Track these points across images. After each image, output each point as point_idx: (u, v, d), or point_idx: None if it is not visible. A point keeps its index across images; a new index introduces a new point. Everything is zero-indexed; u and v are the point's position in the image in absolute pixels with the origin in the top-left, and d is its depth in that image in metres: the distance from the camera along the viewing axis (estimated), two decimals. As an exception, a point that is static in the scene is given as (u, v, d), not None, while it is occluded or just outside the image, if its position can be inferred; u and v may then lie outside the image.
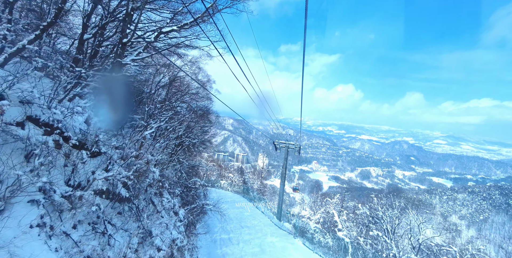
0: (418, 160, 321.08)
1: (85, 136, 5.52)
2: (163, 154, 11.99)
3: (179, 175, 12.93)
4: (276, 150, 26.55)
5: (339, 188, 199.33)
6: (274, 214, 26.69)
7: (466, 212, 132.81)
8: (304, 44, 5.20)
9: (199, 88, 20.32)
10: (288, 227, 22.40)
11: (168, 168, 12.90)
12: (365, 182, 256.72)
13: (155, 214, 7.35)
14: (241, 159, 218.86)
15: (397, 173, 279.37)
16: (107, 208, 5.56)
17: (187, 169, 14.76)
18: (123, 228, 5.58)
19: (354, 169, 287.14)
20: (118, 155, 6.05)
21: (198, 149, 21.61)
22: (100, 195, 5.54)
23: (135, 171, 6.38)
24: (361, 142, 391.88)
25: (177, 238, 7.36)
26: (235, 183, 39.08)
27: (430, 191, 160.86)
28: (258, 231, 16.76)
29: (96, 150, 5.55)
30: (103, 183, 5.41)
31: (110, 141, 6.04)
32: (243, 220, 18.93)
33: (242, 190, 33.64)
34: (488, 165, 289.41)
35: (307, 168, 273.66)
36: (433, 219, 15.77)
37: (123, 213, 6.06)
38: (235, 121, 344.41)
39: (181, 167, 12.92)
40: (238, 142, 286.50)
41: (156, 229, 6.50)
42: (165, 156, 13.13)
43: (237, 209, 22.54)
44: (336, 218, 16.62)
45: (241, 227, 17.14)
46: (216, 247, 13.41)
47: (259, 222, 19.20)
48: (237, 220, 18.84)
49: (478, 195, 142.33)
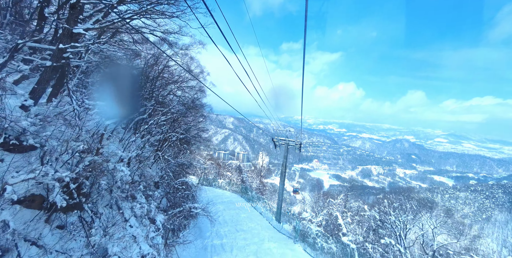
0: (419, 158, 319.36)
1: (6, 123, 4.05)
2: (145, 150, 10.50)
3: (163, 174, 11.44)
4: (276, 147, 25.03)
5: (340, 187, 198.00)
6: (274, 215, 25.27)
7: (469, 211, 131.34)
8: (304, 45, 5.07)
9: (192, 80, 18.77)
10: (288, 229, 20.94)
11: (152, 167, 11.41)
12: (366, 180, 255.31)
13: (120, 223, 5.89)
14: (242, 158, 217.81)
15: (398, 172, 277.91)
16: (37, 223, 4.08)
17: (175, 167, 13.26)
18: (60, 249, 4.11)
19: (355, 167, 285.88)
20: (56, 149, 4.57)
21: (189, 146, 20.09)
22: (28, 204, 4.04)
23: (87, 170, 4.91)
24: (362, 140, 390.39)
25: (148, 253, 5.91)
26: (233, 182, 37.65)
27: (431, 190, 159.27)
28: (255, 236, 15.28)
29: (16, 142, 4.06)
30: (33, 187, 3.90)
31: (44, 131, 4.55)
32: (239, 223, 17.46)
33: (240, 190, 32.20)
34: (490, 164, 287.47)
35: (308, 166, 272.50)
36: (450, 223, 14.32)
37: (67, 227, 4.60)
38: (235, 120, 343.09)
39: (166, 165, 11.42)
40: (239, 141, 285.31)
41: (115, 246, 5.03)
42: (149, 153, 11.64)
43: (233, 210, 21.07)
44: (340, 221, 15.13)
45: (236, 230, 15.66)
46: (206, 255, 11.95)
47: (256, 224, 17.73)
48: (232, 222, 17.37)
49: (480, 194, 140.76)
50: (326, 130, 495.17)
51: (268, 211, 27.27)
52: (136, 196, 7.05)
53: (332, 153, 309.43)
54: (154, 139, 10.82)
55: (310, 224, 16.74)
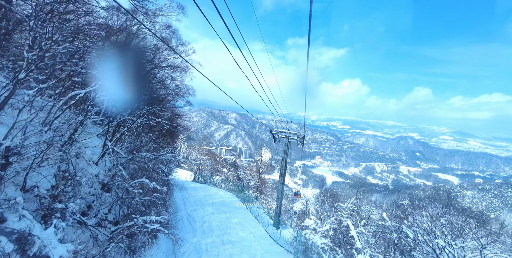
0: (423, 156, 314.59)
1: None
2: (84, 135, 7.31)
3: (115, 173, 8.25)
4: (275, 141, 21.76)
5: (343, 184, 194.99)
6: (271, 217, 22.18)
7: (476, 210, 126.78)
8: (308, 43, 5.22)
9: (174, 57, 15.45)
10: (287, 236, 17.80)
11: (99, 162, 8.24)
12: (369, 177, 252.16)
13: None
14: (244, 153, 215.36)
15: (402, 169, 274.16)
16: None
17: (140, 164, 10.06)
18: None
19: (358, 164, 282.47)
20: None
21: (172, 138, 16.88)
22: None
23: None
24: (366, 137, 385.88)
25: None
26: (230, 179, 34.57)
27: (437, 188, 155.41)
28: (245, 250, 12.12)
29: None
30: None
31: None
32: (227, 231, 14.30)
33: (236, 188, 29.11)
34: (496, 162, 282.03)
35: (311, 163, 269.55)
36: (505, 241, 11.26)
37: None
38: (238, 115, 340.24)
39: (116, 160, 8.23)
40: (241, 137, 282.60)
41: None
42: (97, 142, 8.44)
43: (224, 213, 17.93)
44: (353, 233, 11.93)
45: (222, 243, 12.49)
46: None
47: (249, 233, 14.56)
48: (219, 231, 14.23)
49: (489, 193, 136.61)
50: (330, 127, 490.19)
51: (265, 212, 24.19)
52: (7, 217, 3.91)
53: (335, 150, 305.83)
54: (92, 121, 7.63)
55: (314, 235, 13.56)
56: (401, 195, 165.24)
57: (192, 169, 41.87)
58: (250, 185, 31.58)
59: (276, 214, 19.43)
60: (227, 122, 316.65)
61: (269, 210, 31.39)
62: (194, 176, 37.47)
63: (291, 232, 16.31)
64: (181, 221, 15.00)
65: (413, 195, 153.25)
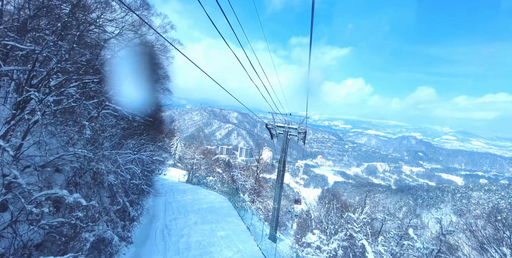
0: (426, 156, 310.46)
1: None
2: None
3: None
4: (272, 137, 18.76)
5: (345, 184, 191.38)
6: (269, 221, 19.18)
7: (482, 212, 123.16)
8: (310, 42, 5.08)
9: (146, 33, 12.44)
10: (285, 251, 14.82)
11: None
12: (371, 177, 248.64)
13: None
14: (244, 153, 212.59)
15: (404, 169, 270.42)
16: None
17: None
18: None
19: (360, 164, 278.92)
20: None
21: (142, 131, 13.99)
22: None
23: None
24: (368, 137, 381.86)
25: None
26: (225, 180, 31.58)
27: (441, 189, 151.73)
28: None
29: None
30: None
31: None
32: (208, 250, 11.30)
33: (230, 191, 26.12)
34: (500, 162, 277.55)
35: (312, 162, 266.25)
36: None
37: None
38: (239, 115, 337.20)
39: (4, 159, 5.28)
40: (243, 136, 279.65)
41: None
42: None
43: (209, 224, 14.92)
44: (371, 255, 8.95)
45: (198, 268, 9.56)
46: None
47: (236, 252, 11.55)
48: (198, 249, 11.23)
49: (495, 194, 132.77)
50: (331, 126, 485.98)
51: (260, 220, 21.19)
52: None
53: (337, 150, 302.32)
54: None
55: (318, 256, 10.57)
56: (405, 196, 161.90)
57: (187, 169, 38.95)
58: (246, 187, 28.59)
59: (272, 223, 16.43)
60: (228, 121, 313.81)
61: (268, 212, 28.48)
62: (188, 177, 34.59)
63: (289, 249, 13.31)
64: (152, 235, 12.05)
65: (417, 196, 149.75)
